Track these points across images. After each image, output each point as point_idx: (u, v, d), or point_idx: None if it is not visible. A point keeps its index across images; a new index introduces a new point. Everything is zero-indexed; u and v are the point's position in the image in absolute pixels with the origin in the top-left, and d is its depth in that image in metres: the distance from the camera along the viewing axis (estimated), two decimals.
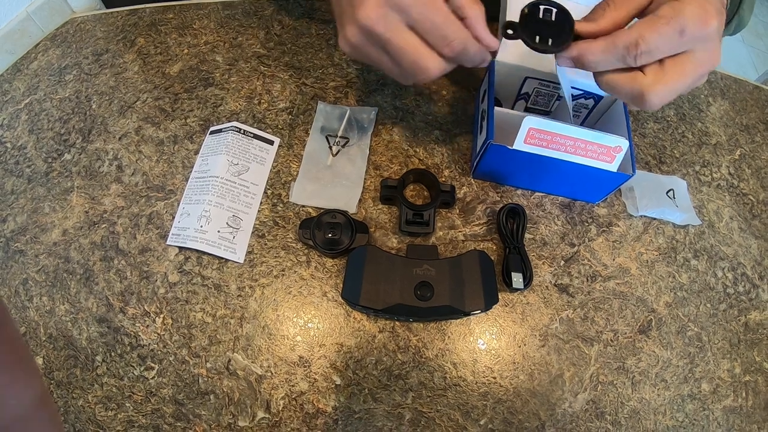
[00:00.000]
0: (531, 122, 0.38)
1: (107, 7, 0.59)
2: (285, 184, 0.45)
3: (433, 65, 0.32)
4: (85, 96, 0.50)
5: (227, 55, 0.53)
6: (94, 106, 0.50)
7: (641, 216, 0.48)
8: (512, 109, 0.47)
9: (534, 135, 0.39)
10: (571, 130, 0.38)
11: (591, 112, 0.46)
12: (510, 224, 0.44)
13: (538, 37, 0.31)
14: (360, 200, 0.45)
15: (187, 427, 0.37)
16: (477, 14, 0.32)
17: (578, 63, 0.31)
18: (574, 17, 0.31)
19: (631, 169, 0.41)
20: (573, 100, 0.45)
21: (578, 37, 0.31)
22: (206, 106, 0.49)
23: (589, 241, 0.46)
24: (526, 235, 0.45)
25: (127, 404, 0.37)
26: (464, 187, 0.47)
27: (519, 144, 0.39)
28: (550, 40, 0.30)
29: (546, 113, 0.47)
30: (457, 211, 0.46)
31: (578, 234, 0.46)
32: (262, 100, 0.50)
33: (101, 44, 0.54)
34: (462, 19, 0.32)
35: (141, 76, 0.51)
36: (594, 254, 0.45)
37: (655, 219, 0.48)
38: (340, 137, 0.47)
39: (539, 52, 0.31)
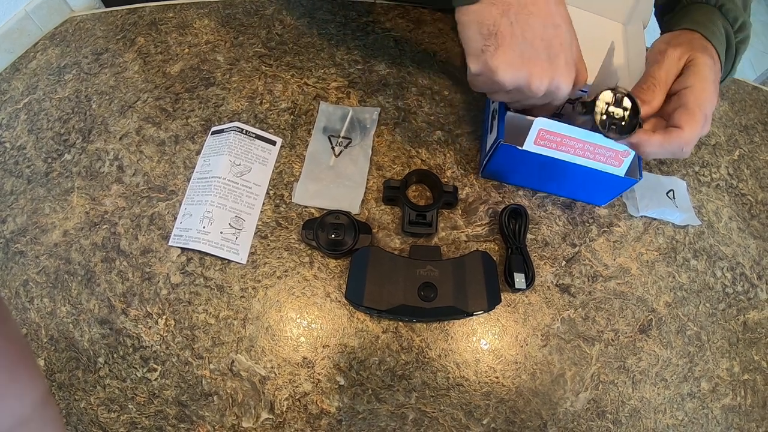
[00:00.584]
0: (541, 123, 0.38)
1: (107, 6, 0.58)
2: (287, 185, 0.45)
3: (552, 106, 0.38)
4: (84, 96, 0.50)
5: (228, 54, 0.52)
6: (94, 106, 0.49)
7: (641, 216, 0.48)
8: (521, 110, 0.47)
9: (544, 136, 0.39)
10: (581, 132, 0.38)
11: None
12: (512, 225, 0.44)
13: (607, 122, 0.35)
14: (363, 201, 0.45)
15: (191, 429, 0.37)
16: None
17: (634, 148, 0.36)
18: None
19: (638, 174, 0.41)
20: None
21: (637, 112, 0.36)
22: (207, 106, 0.49)
23: (590, 241, 0.46)
24: (528, 236, 0.45)
25: (130, 406, 0.37)
26: (467, 188, 0.47)
27: (529, 145, 0.39)
28: (616, 126, 0.35)
29: (557, 115, 0.47)
30: (460, 211, 0.46)
31: (579, 234, 0.46)
32: (264, 100, 0.50)
33: (101, 43, 0.53)
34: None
35: (141, 76, 0.51)
36: (595, 254, 0.46)
37: (655, 219, 0.48)
38: (343, 137, 0.47)
39: (606, 137, 0.36)
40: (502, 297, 0.42)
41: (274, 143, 0.47)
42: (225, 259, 0.42)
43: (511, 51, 0.33)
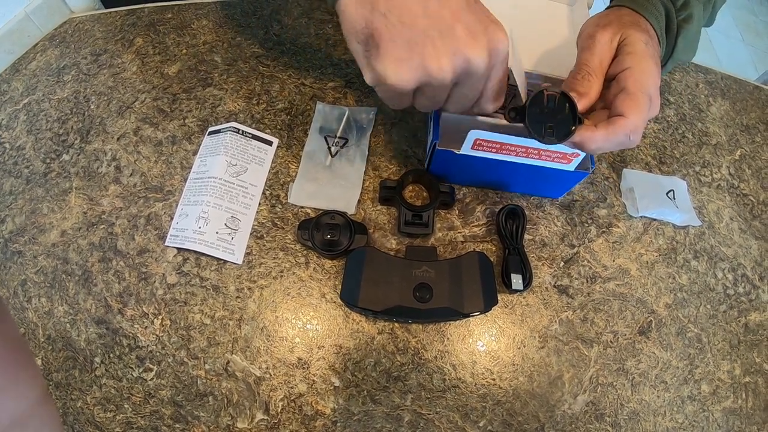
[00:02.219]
0: (477, 134, 0.36)
1: (106, 7, 0.58)
2: (284, 185, 0.45)
3: (474, 111, 0.34)
4: (83, 96, 0.50)
5: (226, 55, 0.52)
6: (92, 107, 0.49)
7: (641, 217, 0.47)
8: None
9: (481, 144, 0.38)
10: (520, 140, 0.37)
11: None
12: (509, 225, 0.44)
13: (543, 128, 0.32)
14: (359, 201, 0.45)
15: (186, 429, 0.37)
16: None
17: (578, 147, 0.33)
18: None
19: (590, 165, 0.40)
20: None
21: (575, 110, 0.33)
22: (205, 106, 0.49)
23: (588, 242, 0.46)
24: (526, 236, 0.45)
25: (126, 405, 0.37)
26: (463, 188, 0.46)
27: (466, 149, 0.38)
28: (553, 130, 0.32)
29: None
30: (457, 212, 0.45)
31: (578, 235, 0.46)
32: (261, 101, 0.50)
33: (100, 44, 0.54)
34: None
35: (139, 77, 0.51)
36: (594, 255, 0.45)
37: (655, 220, 0.48)
38: (339, 138, 0.47)
39: (544, 144, 0.33)
40: (500, 298, 0.42)
41: (270, 143, 0.47)
42: (221, 259, 0.42)
43: (393, 46, 0.28)
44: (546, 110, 0.32)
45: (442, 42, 0.28)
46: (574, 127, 0.32)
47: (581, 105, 0.33)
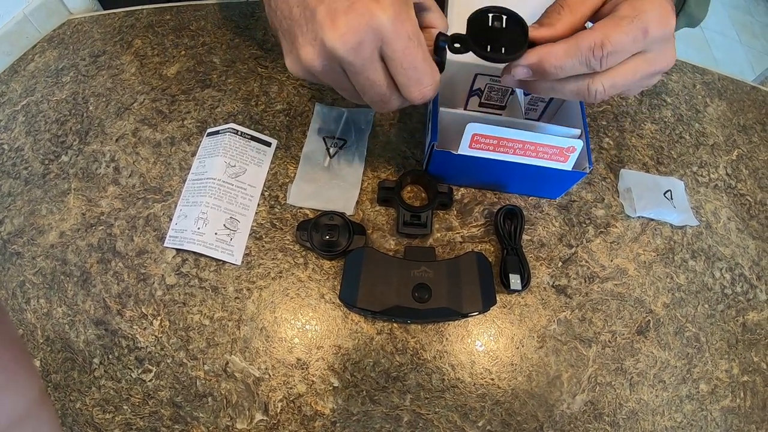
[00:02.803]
0: (474, 128, 0.36)
1: (104, 9, 0.59)
2: (282, 186, 0.45)
3: (397, 103, 0.29)
4: (82, 98, 0.50)
5: (224, 56, 0.53)
6: (91, 108, 0.49)
7: (639, 217, 0.48)
8: (466, 105, 0.46)
9: (479, 140, 0.38)
10: (518, 134, 0.36)
11: (548, 106, 0.45)
12: (507, 225, 0.44)
13: (489, 47, 0.27)
14: (357, 202, 0.45)
15: (185, 430, 0.37)
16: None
17: (538, 70, 0.28)
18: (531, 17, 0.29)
19: (587, 165, 0.39)
20: (527, 95, 0.44)
21: (532, 45, 0.28)
22: (203, 107, 0.49)
23: (586, 242, 0.46)
24: (524, 237, 0.45)
25: (125, 407, 0.37)
26: (461, 189, 0.47)
27: (464, 149, 0.39)
28: (503, 49, 0.27)
29: (501, 108, 0.46)
30: (455, 212, 0.46)
31: (576, 235, 0.46)
32: (260, 102, 0.50)
33: (98, 46, 0.54)
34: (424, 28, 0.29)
35: (138, 78, 0.51)
36: (592, 255, 0.45)
37: (652, 220, 0.48)
38: (338, 139, 0.47)
39: (493, 61, 0.28)
40: (498, 298, 0.42)
41: (269, 144, 0.47)
42: (220, 260, 0.42)
43: (284, 40, 0.28)
44: (495, 34, 0.28)
45: (307, 29, 0.26)
46: (525, 47, 0.27)
47: (538, 34, 0.28)
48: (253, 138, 0.46)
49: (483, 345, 0.41)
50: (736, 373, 0.43)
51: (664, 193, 0.48)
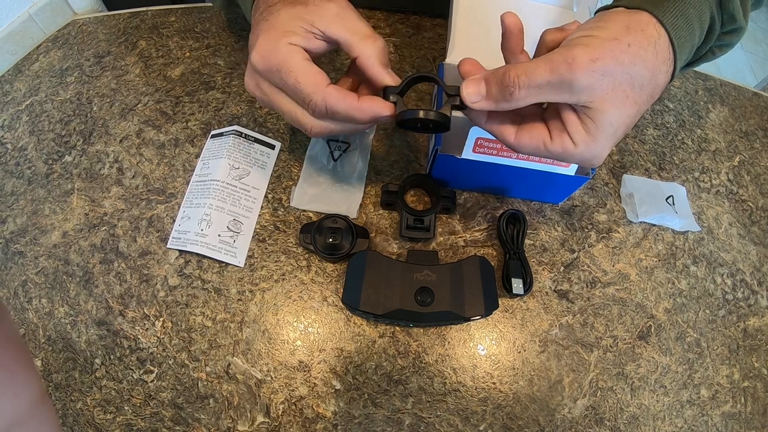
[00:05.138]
0: (478, 132, 0.37)
1: (109, 9, 0.59)
2: (286, 189, 0.45)
3: (311, 125, 0.32)
4: (86, 98, 0.50)
5: (229, 58, 0.53)
6: (95, 108, 0.50)
7: (641, 222, 0.48)
8: None
9: (482, 144, 0.38)
10: None
11: None
12: (510, 230, 0.44)
13: (421, 112, 0.30)
14: (361, 205, 0.45)
15: (186, 431, 0.37)
16: (369, 52, 0.31)
17: (467, 112, 0.30)
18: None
19: (590, 170, 0.40)
20: None
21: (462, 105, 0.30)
22: (207, 109, 0.49)
23: (588, 247, 0.46)
24: (527, 241, 0.45)
25: (126, 407, 0.37)
26: (465, 193, 0.47)
27: (467, 153, 0.39)
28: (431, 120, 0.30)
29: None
30: (458, 216, 0.46)
31: (578, 240, 0.46)
32: None
33: (103, 46, 0.54)
34: (354, 59, 0.32)
35: (142, 79, 0.51)
36: (594, 260, 0.45)
37: (654, 225, 0.48)
38: (342, 142, 0.47)
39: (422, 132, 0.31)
40: (500, 302, 0.42)
41: (273, 147, 0.47)
42: (223, 262, 0.42)
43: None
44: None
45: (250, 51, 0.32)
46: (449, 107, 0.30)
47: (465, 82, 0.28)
48: (257, 140, 0.47)
49: (485, 349, 0.41)
50: (737, 378, 0.43)
51: (666, 199, 0.49)
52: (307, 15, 0.30)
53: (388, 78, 0.32)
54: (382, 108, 0.30)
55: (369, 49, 0.31)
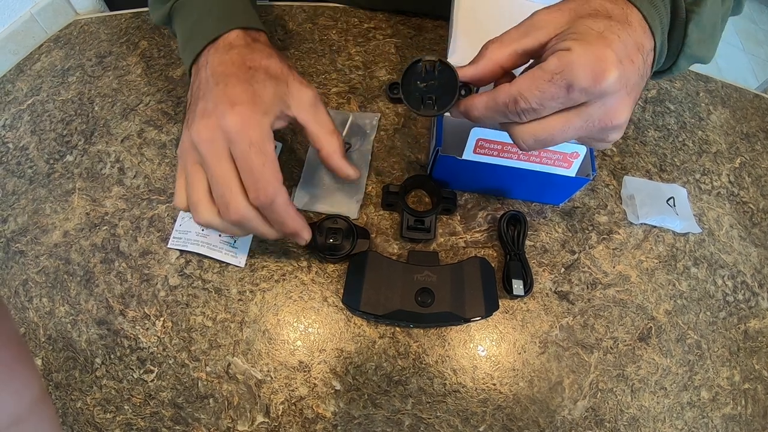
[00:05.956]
0: (479, 133, 0.37)
1: (111, 10, 0.59)
2: (287, 189, 0.45)
3: (236, 206, 0.31)
4: (87, 98, 0.50)
5: None
6: (96, 108, 0.50)
7: (641, 224, 0.48)
8: None
9: (483, 145, 0.38)
10: None
11: None
12: (511, 231, 0.44)
13: (423, 98, 0.30)
14: (361, 206, 0.45)
15: (186, 431, 0.37)
16: (333, 147, 0.34)
17: (466, 117, 0.30)
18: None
19: (591, 171, 0.40)
20: None
21: (467, 85, 0.30)
22: None
23: (589, 248, 0.46)
24: (527, 242, 0.45)
25: (126, 407, 0.37)
26: (465, 194, 0.47)
27: (468, 154, 0.39)
28: (434, 102, 0.30)
29: None
30: (458, 217, 0.46)
31: (579, 241, 0.46)
32: None
33: (104, 46, 0.54)
34: (318, 150, 0.35)
35: (144, 79, 0.51)
36: (594, 262, 0.45)
37: (655, 227, 0.48)
38: (343, 143, 0.47)
39: (426, 117, 0.31)
40: (501, 304, 0.42)
41: (274, 147, 0.47)
42: (223, 262, 0.42)
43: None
44: (428, 82, 0.30)
45: (189, 118, 0.33)
46: (456, 98, 0.30)
47: (465, 74, 0.29)
48: None
49: (485, 350, 0.41)
50: (738, 380, 0.43)
51: (667, 201, 0.49)
52: (286, 97, 0.33)
53: (351, 171, 0.36)
54: (304, 231, 0.34)
55: (333, 144, 0.35)
